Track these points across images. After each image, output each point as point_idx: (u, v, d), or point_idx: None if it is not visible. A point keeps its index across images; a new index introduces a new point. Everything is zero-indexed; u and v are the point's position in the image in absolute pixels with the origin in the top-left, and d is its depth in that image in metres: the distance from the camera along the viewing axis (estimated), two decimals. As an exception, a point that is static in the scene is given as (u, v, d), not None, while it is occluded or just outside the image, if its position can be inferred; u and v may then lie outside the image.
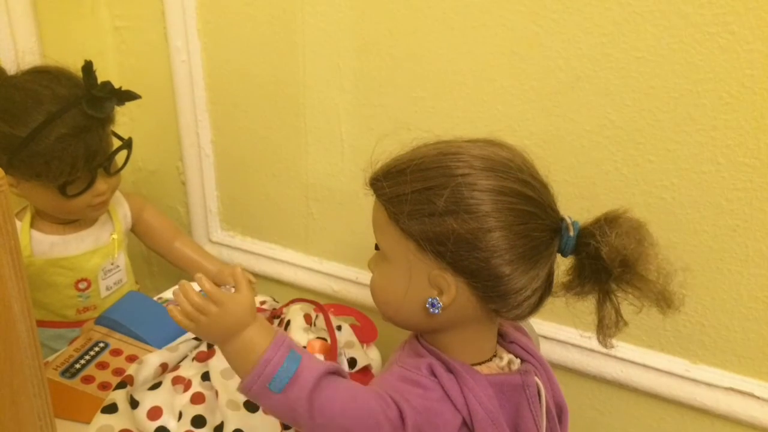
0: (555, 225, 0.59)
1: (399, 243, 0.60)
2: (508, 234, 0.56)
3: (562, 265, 0.62)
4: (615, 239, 0.55)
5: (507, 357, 0.65)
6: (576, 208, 0.90)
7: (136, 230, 1.12)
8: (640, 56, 0.81)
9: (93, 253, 0.98)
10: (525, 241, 0.57)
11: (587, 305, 0.61)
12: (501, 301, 0.59)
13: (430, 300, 0.59)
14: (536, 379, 0.63)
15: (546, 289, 0.61)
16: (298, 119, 1.10)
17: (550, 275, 0.61)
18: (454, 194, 0.56)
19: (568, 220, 0.59)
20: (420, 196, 0.58)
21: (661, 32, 0.79)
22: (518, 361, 0.65)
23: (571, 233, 0.58)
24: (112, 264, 1.01)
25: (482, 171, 0.57)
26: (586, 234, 0.58)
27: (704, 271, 0.86)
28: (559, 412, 0.67)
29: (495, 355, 0.65)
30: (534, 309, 0.62)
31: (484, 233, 0.56)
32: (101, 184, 0.93)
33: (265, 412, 0.71)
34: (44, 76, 0.88)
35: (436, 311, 0.59)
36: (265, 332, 0.58)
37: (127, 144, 0.95)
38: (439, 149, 0.60)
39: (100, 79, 0.89)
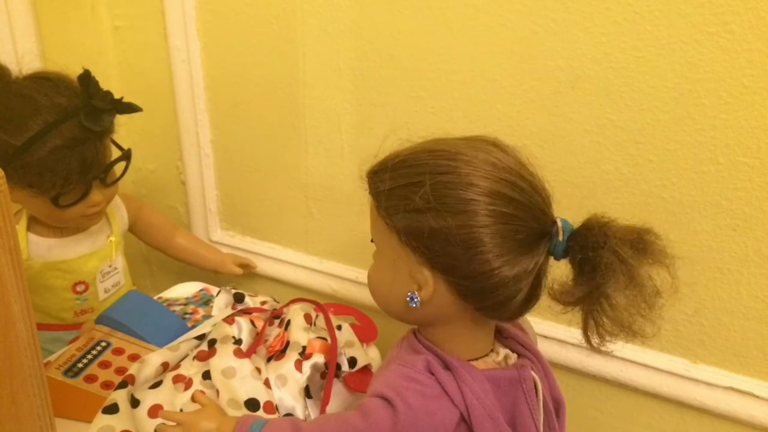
0: (542, 228, 0.58)
1: (385, 236, 0.62)
2: (483, 233, 0.56)
3: (557, 268, 0.61)
4: (608, 247, 0.54)
5: (503, 352, 0.65)
6: (576, 207, 0.90)
7: (134, 230, 1.12)
8: (640, 56, 0.81)
9: (90, 255, 0.98)
10: (502, 242, 0.56)
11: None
12: (479, 301, 0.59)
13: (409, 294, 0.61)
14: (532, 373, 0.64)
15: (532, 293, 0.60)
16: (298, 119, 1.10)
17: (537, 278, 0.59)
18: (432, 191, 0.57)
19: (559, 224, 0.58)
20: (401, 191, 0.59)
21: (661, 32, 0.79)
22: (515, 356, 0.66)
23: (561, 238, 0.57)
24: (109, 266, 1.01)
25: (464, 169, 0.57)
26: (576, 237, 0.57)
27: (704, 271, 0.86)
28: (556, 407, 0.67)
29: (492, 350, 0.65)
30: (520, 311, 0.61)
31: (458, 231, 0.56)
32: (96, 195, 0.91)
33: None
34: (44, 83, 0.86)
35: (415, 305, 0.61)
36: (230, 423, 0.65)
37: (126, 155, 0.94)
38: (426, 146, 0.61)
39: (100, 81, 0.88)
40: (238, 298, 0.97)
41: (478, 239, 0.56)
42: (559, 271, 0.60)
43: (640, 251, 0.55)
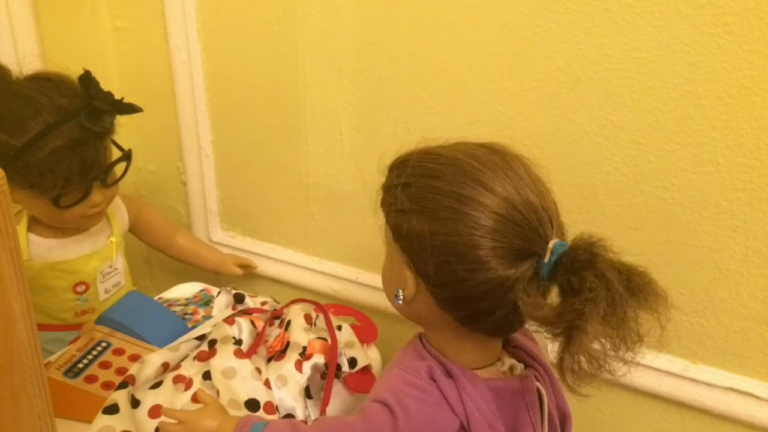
0: (528, 246, 0.55)
1: (386, 231, 0.63)
2: (457, 244, 0.55)
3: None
4: (592, 269, 0.51)
5: (509, 362, 0.64)
6: (575, 208, 0.90)
7: (134, 230, 1.12)
8: (640, 57, 0.81)
9: (91, 256, 0.98)
10: (475, 254, 0.55)
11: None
12: (454, 310, 0.59)
13: (396, 290, 0.62)
14: (537, 384, 0.63)
15: (515, 311, 0.56)
16: (298, 119, 1.10)
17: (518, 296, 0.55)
18: (416, 193, 0.58)
19: (551, 245, 0.55)
20: (395, 190, 0.60)
21: (661, 33, 0.79)
22: (521, 366, 0.65)
23: (546, 259, 0.54)
24: (110, 267, 1.01)
25: (451, 176, 0.56)
26: (563, 258, 0.54)
27: (704, 271, 0.86)
28: (562, 420, 0.66)
29: (498, 360, 0.65)
30: (506, 327, 0.60)
31: (432, 237, 0.56)
32: (97, 196, 0.91)
33: None
34: (45, 84, 0.86)
35: (398, 302, 0.63)
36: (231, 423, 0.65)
37: (126, 156, 0.94)
38: (428, 149, 0.62)
39: (100, 81, 0.88)
40: (239, 299, 0.97)
41: (450, 249, 0.55)
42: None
43: (630, 287, 0.51)
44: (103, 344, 0.85)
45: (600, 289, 0.50)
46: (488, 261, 0.55)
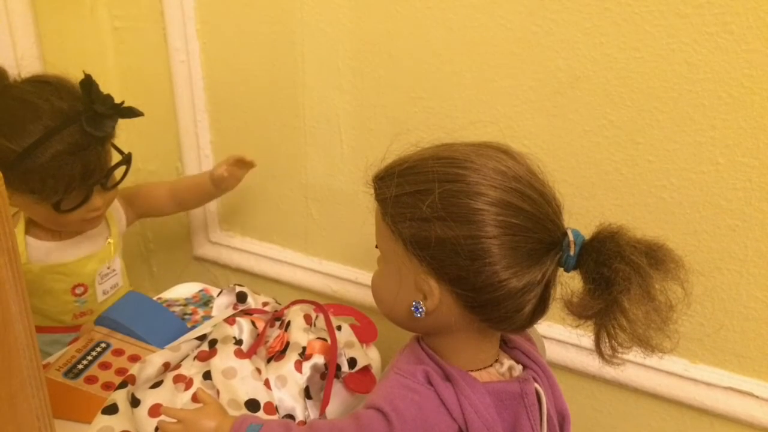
0: (552, 239, 0.57)
1: (390, 243, 0.60)
2: (491, 244, 0.55)
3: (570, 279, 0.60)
4: (622, 258, 0.53)
5: (507, 363, 0.64)
6: (575, 208, 0.90)
7: (140, 214, 1.11)
8: (639, 56, 0.81)
9: (89, 258, 0.98)
10: (511, 253, 0.55)
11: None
12: (485, 312, 0.58)
13: (414, 303, 0.59)
14: (536, 386, 0.63)
15: (540, 305, 0.58)
16: (298, 119, 1.10)
17: (545, 290, 0.58)
18: (440, 200, 0.56)
19: (571, 237, 0.56)
20: (408, 199, 0.57)
21: (660, 32, 0.79)
22: (519, 367, 0.64)
23: (572, 252, 0.56)
24: (108, 268, 1.01)
25: (472, 178, 0.56)
26: (589, 250, 0.56)
27: (703, 271, 0.86)
28: (561, 420, 0.66)
29: (497, 361, 0.64)
30: (527, 323, 0.60)
31: (465, 241, 0.55)
32: (97, 200, 0.91)
33: None
34: (45, 87, 0.85)
35: (419, 315, 0.59)
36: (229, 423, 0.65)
37: (126, 160, 0.93)
38: (435, 153, 0.60)
39: (99, 82, 0.87)
40: (241, 298, 0.97)
41: (486, 250, 0.55)
42: (573, 282, 0.58)
43: (654, 262, 0.54)
44: (103, 345, 0.85)
45: (633, 277, 0.52)
46: (524, 257, 0.56)
